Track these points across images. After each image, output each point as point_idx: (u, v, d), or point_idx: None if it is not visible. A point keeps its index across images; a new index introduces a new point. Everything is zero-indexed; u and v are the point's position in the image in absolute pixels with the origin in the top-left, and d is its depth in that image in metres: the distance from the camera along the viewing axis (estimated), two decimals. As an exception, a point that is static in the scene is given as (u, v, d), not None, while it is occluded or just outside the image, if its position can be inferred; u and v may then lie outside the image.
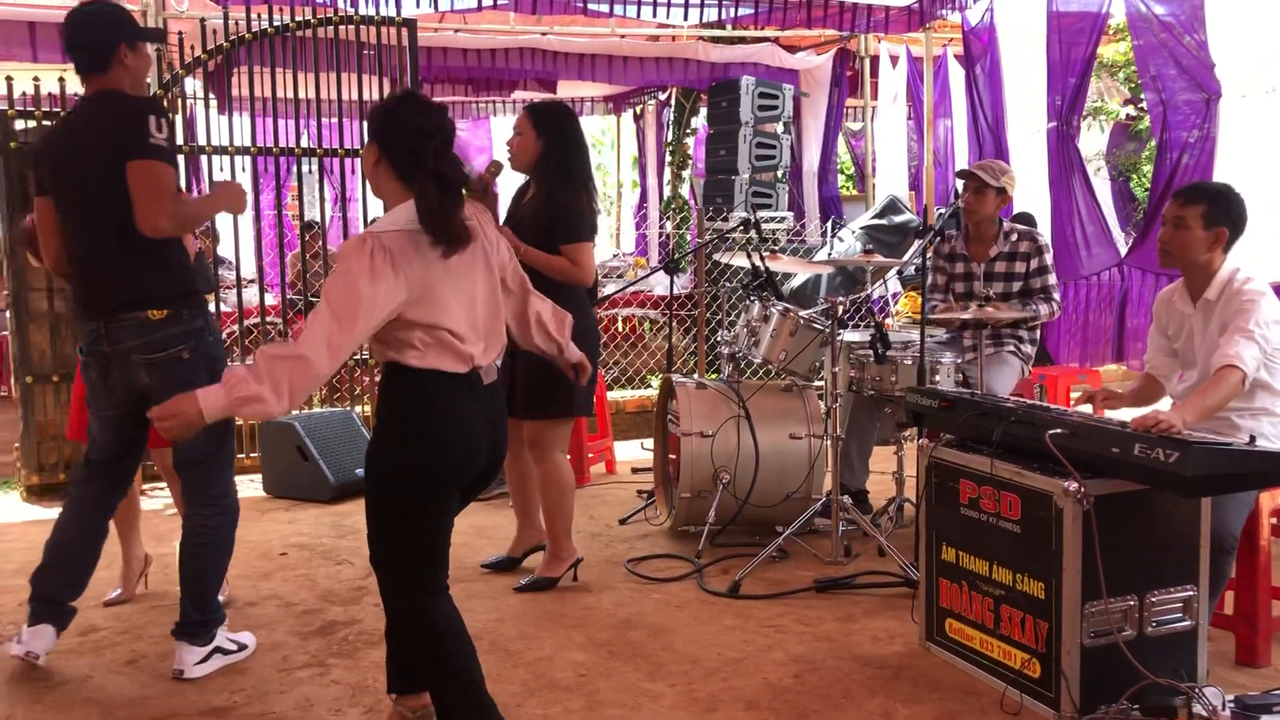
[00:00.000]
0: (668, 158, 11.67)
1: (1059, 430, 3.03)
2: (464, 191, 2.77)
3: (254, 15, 6.19)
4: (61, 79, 5.81)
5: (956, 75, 9.23)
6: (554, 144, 4.08)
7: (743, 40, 9.49)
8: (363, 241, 2.60)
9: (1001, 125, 7.55)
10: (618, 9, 6.95)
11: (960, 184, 5.06)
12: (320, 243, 7.19)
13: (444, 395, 2.69)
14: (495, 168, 4.07)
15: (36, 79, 5.78)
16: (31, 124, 5.72)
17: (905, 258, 4.95)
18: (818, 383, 5.09)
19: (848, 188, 13.44)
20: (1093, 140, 10.36)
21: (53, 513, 5.45)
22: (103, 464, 3.55)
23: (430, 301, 2.65)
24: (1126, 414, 3.37)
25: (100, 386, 3.43)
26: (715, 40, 9.40)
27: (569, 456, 6.10)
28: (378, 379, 6.68)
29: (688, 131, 11.47)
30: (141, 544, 4.23)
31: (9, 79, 5.67)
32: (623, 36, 8.99)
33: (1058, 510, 2.99)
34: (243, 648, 3.59)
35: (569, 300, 4.05)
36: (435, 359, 2.67)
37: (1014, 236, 4.98)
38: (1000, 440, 3.23)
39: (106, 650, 3.65)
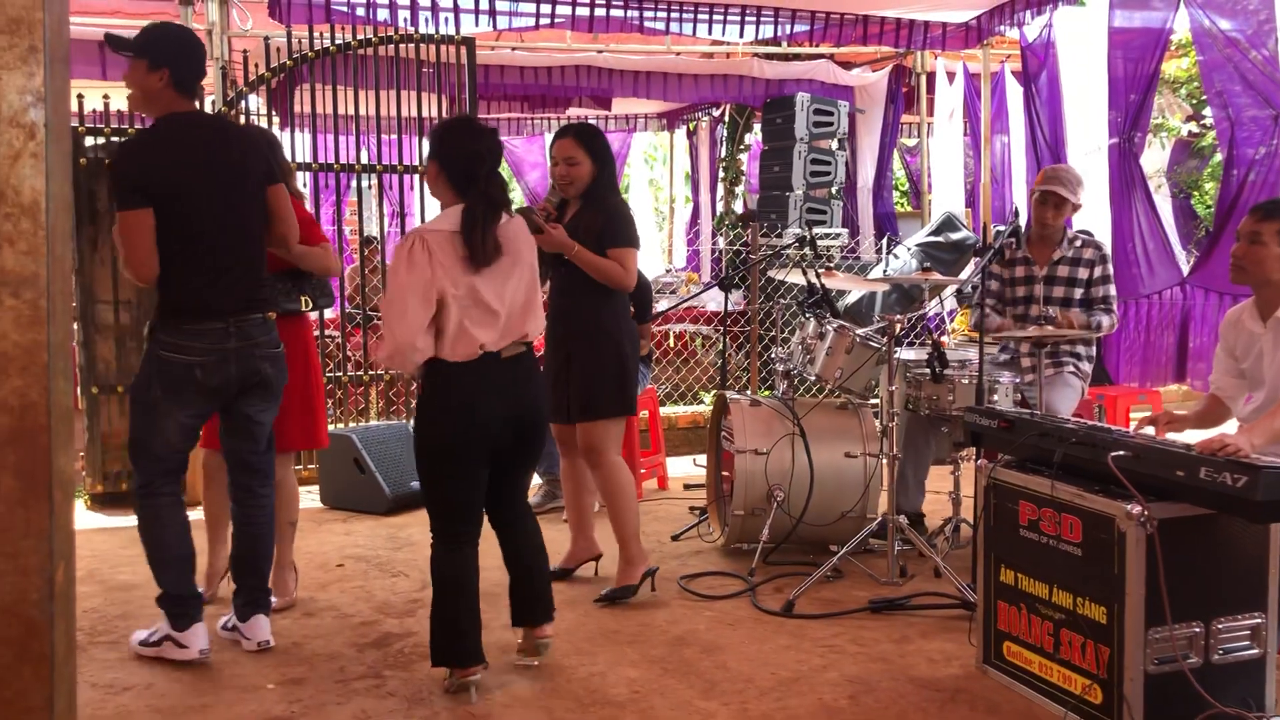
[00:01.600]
0: (720, 173, 11.68)
1: (1122, 452, 2.99)
2: (510, 208, 3.39)
3: (317, 34, 6.30)
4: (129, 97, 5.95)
5: (1014, 91, 9.15)
6: (604, 164, 4.27)
7: (797, 57, 9.47)
8: (406, 238, 3.21)
9: (1060, 142, 7.47)
10: (674, 26, 6.98)
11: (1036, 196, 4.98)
12: (379, 257, 7.28)
13: (456, 377, 3.26)
14: (554, 196, 4.21)
15: (106, 97, 5.92)
16: (100, 140, 5.86)
17: (964, 276, 4.89)
18: (873, 401, 5.05)
19: (902, 204, 13.36)
20: (1153, 157, 10.21)
21: (116, 520, 5.58)
22: (178, 467, 3.66)
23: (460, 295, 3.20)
24: (1191, 436, 3.32)
25: (205, 385, 3.53)
26: (770, 57, 9.40)
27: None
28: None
29: (741, 147, 11.47)
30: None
31: (80, 96, 5.80)
32: (678, 54, 9.02)
33: (1120, 534, 2.95)
34: None
35: (616, 303, 4.25)
36: (451, 348, 3.22)
37: (1078, 242, 4.92)
38: (1061, 462, 3.19)
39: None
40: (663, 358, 8.32)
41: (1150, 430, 3.56)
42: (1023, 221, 5.00)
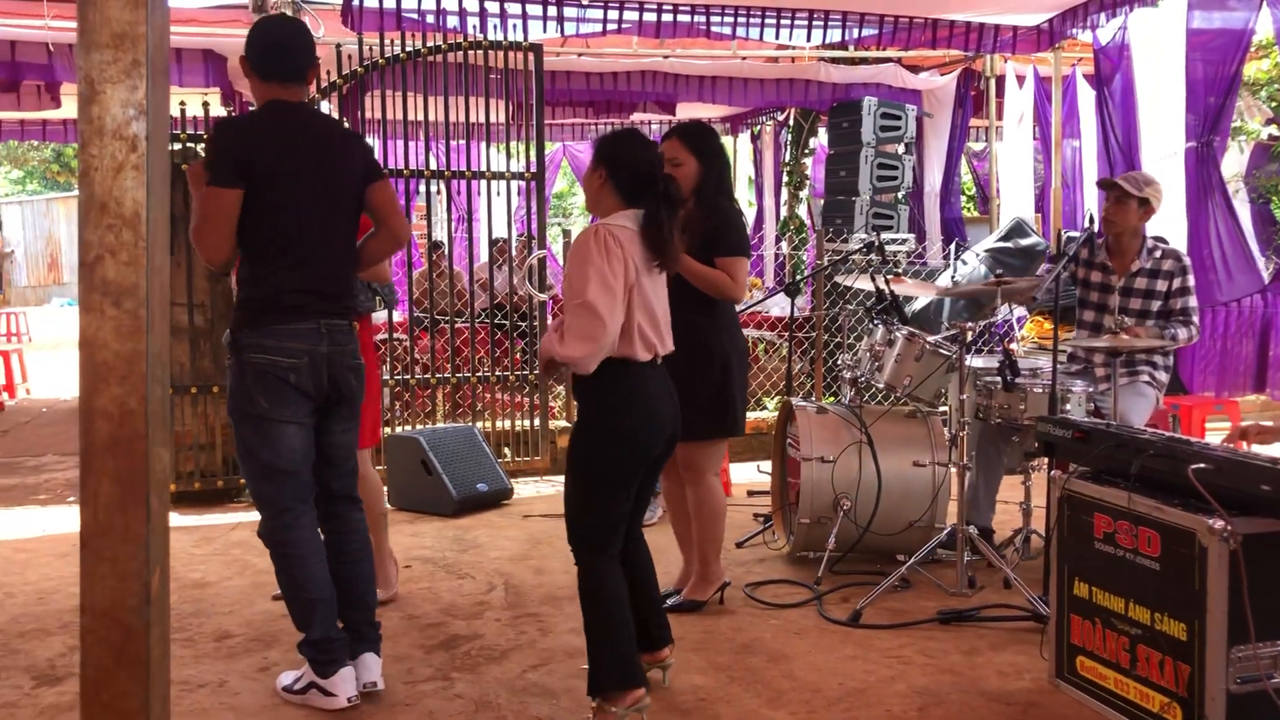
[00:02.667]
0: (784, 178, 11.62)
1: (1203, 465, 2.92)
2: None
3: (387, 41, 6.38)
4: (205, 104, 6.07)
5: (1085, 95, 9.00)
6: (711, 165, 4.10)
7: (864, 60, 9.40)
8: (594, 232, 3.16)
9: (1134, 146, 7.33)
10: (740, 31, 6.96)
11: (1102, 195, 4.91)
12: (445, 262, 7.36)
13: (641, 378, 3.23)
14: None
15: (183, 103, 6.04)
16: (176, 146, 5.98)
17: (1037, 286, 4.80)
18: (942, 409, 4.99)
19: (969, 209, 13.20)
20: (1231, 161, 9.98)
21: (189, 519, 5.69)
22: (309, 483, 3.43)
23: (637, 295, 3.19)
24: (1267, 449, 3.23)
25: (300, 389, 3.31)
26: (836, 61, 9.34)
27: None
28: (500, 396, 6.74)
29: (805, 152, 11.41)
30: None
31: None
32: (744, 58, 9.00)
33: (1201, 549, 2.87)
34: None
35: (721, 316, 4.11)
36: (635, 348, 3.20)
37: (1158, 253, 4.81)
38: (1138, 473, 3.12)
39: (241, 657, 3.77)
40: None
41: (1243, 443, 3.46)
42: (1096, 228, 4.90)
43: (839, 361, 5.34)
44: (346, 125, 3.72)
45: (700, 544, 4.20)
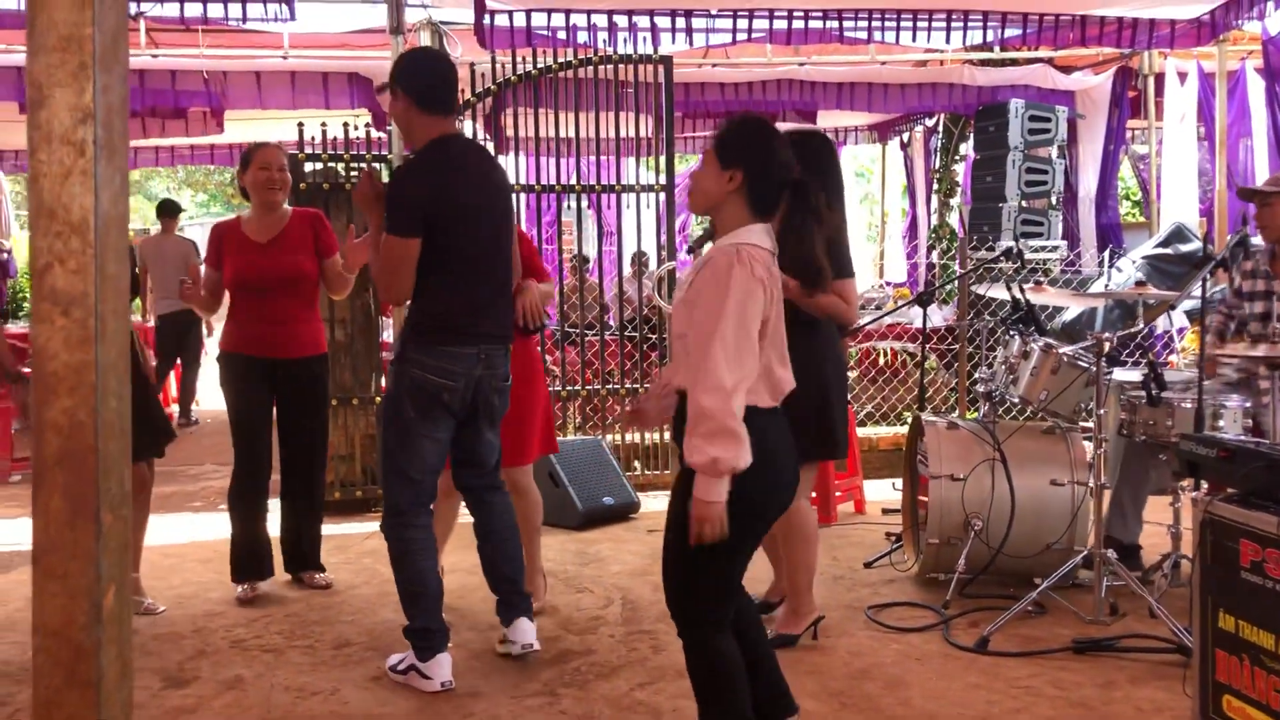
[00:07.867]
0: (934, 185, 11.30)
1: (1360, 489, 2.65)
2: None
3: (520, 58, 6.46)
4: (346, 124, 6.26)
5: (1256, 90, 8.42)
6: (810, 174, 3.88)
7: (1014, 62, 9.05)
8: (736, 256, 2.60)
9: (1309, 143, 6.81)
10: (876, 35, 6.78)
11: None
12: (593, 276, 7.42)
13: (766, 427, 2.68)
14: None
15: (324, 124, 6.24)
16: (319, 165, 6.17)
17: (1183, 291, 4.49)
18: (1088, 425, 4.71)
19: (1133, 214, 12.56)
20: None
21: (326, 529, 5.82)
22: (430, 492, 3.65)
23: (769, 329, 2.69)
24: None
25: (449, 408, 3.52)
26: (984, 63, 9.02)
27: (813, 495, 5.99)
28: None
29: (956, 158, 11.06)
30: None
31: (300, 125, 6.15)
32: (883, 63, 8.77)
33: (1358, 581, 2.61)
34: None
35: (824, 334, 3.90)
36: (764, 391, 2.69)
37: None
38: (1290, 498, 2.86)
39: (355, 666, 3.82)
40: (864, 377, 8.08)
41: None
42: (1250, 229, 4.56)
43: (981, 374, 5.10)
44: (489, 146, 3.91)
45: (791, 573, 3.98)
